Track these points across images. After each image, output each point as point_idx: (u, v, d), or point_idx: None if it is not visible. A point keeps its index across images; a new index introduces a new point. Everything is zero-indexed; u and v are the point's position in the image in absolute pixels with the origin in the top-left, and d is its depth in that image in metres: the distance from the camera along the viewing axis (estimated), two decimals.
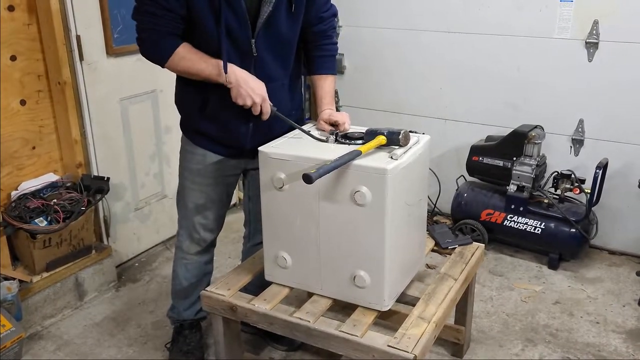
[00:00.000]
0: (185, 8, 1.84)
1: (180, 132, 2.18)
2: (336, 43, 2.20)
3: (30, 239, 2.54)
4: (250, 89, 1.88)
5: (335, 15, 2.15)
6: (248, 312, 1.96)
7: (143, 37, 1.91)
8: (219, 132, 2.06)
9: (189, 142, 2.14)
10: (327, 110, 2.07)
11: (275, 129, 2.04)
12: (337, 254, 1.88)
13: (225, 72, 1.87)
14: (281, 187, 1.88)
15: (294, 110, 2.16)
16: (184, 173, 2.19)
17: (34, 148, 2.71)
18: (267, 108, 1.93)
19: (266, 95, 1.92)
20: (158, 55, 1.92)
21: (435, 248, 2.37)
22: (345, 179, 1.77)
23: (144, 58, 1.97)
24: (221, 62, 1.87)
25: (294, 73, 2.11)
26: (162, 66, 1.94)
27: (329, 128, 2.02)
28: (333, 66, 2.18)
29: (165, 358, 2.44)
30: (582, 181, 3.02)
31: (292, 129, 2.07)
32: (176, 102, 2.15)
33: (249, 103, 1.89)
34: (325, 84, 2.14)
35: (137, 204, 3.17)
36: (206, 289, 2.06)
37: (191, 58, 1.90)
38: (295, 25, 1.99)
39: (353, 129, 2.01)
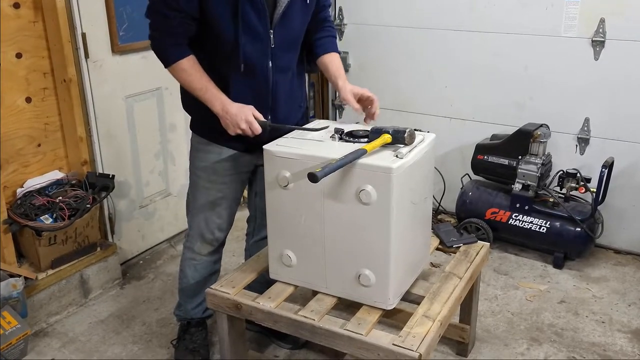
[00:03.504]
0: (196, 9, 1.86)
1: (187, 131, 2.18)
2: (335, 27, 2.26)
3: (35, 237, 2.55)
4: (230, 117, 1.92)
5: (330, 5, 2.22)
6: (253, 310, 1.96)
7: (153, 36, 1.97)
8: None
9: (202, 140, 2.13)
10: (349, 86, 2.07)
11: (290, 121, 2.09)
12: (342, 252, 1.88)
13: (219, 105, 1.93)
14: (286, 186, 1.88)
15: (302, 101, 2.19)
16: (198, 172, 2.18)
17: (39, 145, 2.71)
18: (257, 129, 1.94)
19: (250, 117, 1.93)
20: (163, 58, 1.98)
21: (439, 247, 2.36)
22: (351, 177, 1.77)
23: (149, 56, 1.99)
24: (216, 92, 1.93)
25: (299, 60, 2.14)
26: (165, 67, 2.00)
27: (358, 106, 2.04)
28: (336, 47, 2.22)
29: (170, 356, 2.45)
30: (588, 180, 3.00)
31: (303, 121, 2.11)
32: (187, 107, 2.14)
33: (238, 131, 1.94)
34: (335, 59, 2.16)
35: (141, 201, 3.17)
36: (211, 286, 2.06)
37: (191, 74, 1.95)
38: (307, 15, 2.04)
39: (358, 127, 2.02)
